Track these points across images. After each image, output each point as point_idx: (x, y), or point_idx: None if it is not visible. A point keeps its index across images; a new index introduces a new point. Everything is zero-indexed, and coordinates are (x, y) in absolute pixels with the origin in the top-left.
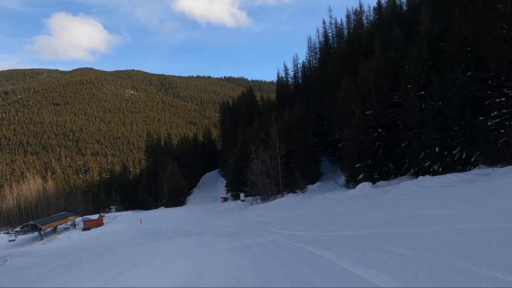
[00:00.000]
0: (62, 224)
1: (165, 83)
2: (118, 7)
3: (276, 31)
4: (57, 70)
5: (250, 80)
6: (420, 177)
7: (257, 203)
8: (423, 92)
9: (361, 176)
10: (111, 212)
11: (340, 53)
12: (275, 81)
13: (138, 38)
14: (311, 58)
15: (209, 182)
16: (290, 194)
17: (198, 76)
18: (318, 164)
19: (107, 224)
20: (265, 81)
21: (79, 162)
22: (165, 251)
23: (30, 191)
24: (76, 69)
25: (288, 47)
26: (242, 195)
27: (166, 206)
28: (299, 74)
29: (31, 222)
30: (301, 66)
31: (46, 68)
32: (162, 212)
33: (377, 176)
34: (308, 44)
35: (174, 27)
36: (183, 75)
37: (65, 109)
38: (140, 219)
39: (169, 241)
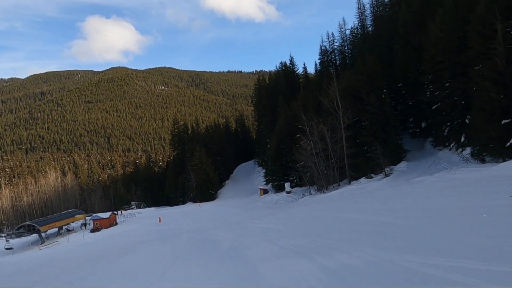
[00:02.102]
0: (68, 223)
1: (196, 78)
2: (149, 9)
3: (306, 24)
4: (91, 71)
5: None
6: None
7: (310, 194)
8: None
9: None
10: (131, 209)
11: None
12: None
13: (169, 37)
14: (363, 21)
15: (243, 173)
16: (362, 179)
17: (229, 71)
18: (399, 138)
19: (122, 223)
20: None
21: (108, 158)
22: None
23: (49, 187)
24: (109, 69)
25: (319, 39)
26: (287, 185)
27: (194, 201)
28: (347, 43)
29: (28, 222)
30: (350, 33)
31: (81, 69)
32: (188, 209)
33: None
34: (358, 5)
35: (204, 25)
36: (214, 71)
37: (97, 106)
38: (159, 218)
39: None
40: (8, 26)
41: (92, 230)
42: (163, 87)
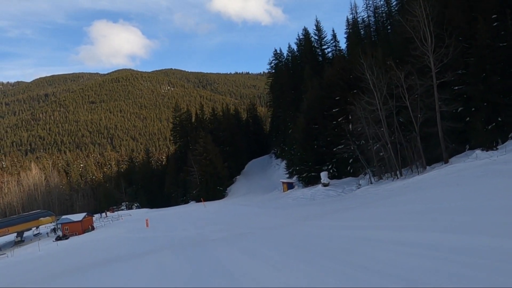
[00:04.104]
0: (30, 227)
1: (202, 80)
2: (157, 15)
3: (313, 28)
4: (97, 73)
5: None
6: None
7: (370, 183)
8: None
9: None
10: (121, 210)
11: None
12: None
13: (176, 42)
14: None
15: (257, 168)
16: (478, 152)
17: (236, 73)
18: None
19: (100, 228)
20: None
21: (108, 157)
22: None
23: (30, 186)
24: (115, 71)
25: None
26: (323, 175)
27: (198, 200)
28: (381, 10)
29: None
30: None
31: (88, 72)
32: (189, 209)
33: None
34: None
35: (211, 29)
36: (221, 72)
37: (101, 107)
38: (146, 221)
39: None
40: (19, 33)
41: (58, 238)
42: (168, 87)
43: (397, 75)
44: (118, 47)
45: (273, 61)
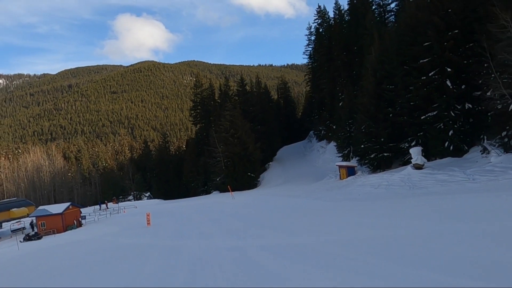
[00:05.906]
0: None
1: (225, 71)
2: (180, 10)
3: None
4: (121, 65)
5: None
6: None
7: None
8: None
9: None
10: (128, 200)
11: None
12: None
13: (199, 35)
14: None
15: (293, 154)
16: None
17: (259, 65)
18: None
19: (91, 223)
20: None
21: (121, 142)
22: None
23: (29, 171)
24: (138, 63)
25: None
26: (416, 152)
27: (223, 189)
28: None
29: None
30: None
31: (111, 64)
32: (212, 201)
33: None
34: None
35: (234, 22)
36: (244, 64)
37: (122, 97)
38: (147, 216)
39: None
40: (48, 29)
41: (27, 237)
42: (191, 78)
43: None
44: (142, 41)
45: (315, 21)
